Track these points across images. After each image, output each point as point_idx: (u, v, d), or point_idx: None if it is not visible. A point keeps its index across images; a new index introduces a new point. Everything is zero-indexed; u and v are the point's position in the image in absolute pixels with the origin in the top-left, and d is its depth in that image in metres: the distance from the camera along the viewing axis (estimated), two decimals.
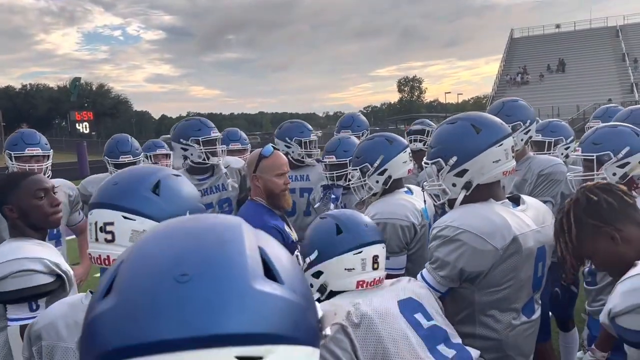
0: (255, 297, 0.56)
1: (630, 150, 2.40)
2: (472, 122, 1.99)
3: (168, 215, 1.29)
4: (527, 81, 46.66)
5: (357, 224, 1.79)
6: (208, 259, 0.58)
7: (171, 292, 0.54)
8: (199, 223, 0.67)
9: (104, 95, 70.98)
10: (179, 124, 3.78)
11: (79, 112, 25.85)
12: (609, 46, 48.70)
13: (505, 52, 54.04)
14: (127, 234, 1.31)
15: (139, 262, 0.59)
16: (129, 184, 1.36)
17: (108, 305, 0.56)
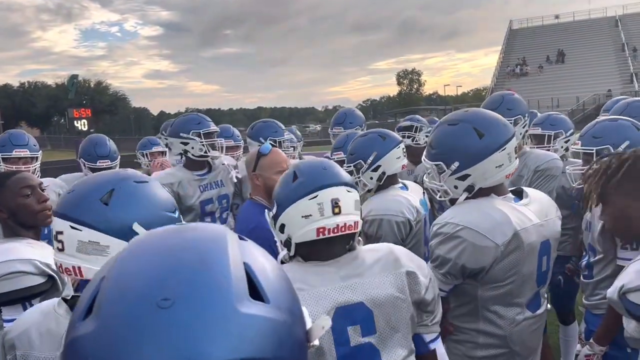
0: (240, 322, 0.54)
1: (630, 144, 2.38)
2: (475, 125, 1.92)
3: (114, 226, 1.28)
4: (526, 72, 46.54)
5: (313, 167, 1.63)
6: (190, 281, 0.55)
7: (152, 318, 0.52)
8: (181, 238, 0.64)
9: (102, 92, 70.62)
10: (176, 120, 3.78)
11: (77, 110, 25.75)
12: (608, 36, 48.52)
13: (504, 44, 53.84)
14: (74, 244, 1.29)
15: (120, 283, 0.57)
16: (80, 192, 1.33)
17: (88, 329, 0.54)
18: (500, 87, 45.11)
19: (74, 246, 1.29)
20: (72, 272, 1.30)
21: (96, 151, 3.98)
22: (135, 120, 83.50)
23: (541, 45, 50.31)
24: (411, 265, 1.59)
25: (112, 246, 1.28)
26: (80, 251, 1.29)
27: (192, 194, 3.59)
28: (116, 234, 1.28)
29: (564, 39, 49.98)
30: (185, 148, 3.60)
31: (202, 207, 3.64)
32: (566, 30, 52.24)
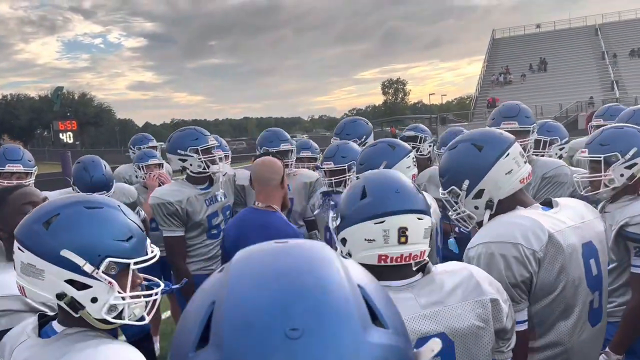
0: (370, 352, 0.53)
1: (638, 150, 2.39)
2: (472, 142, 1.95)
3: (49, 251, 1.27)
4: (510, 81, 47.13)
5: (385, 188, 1.50)
6: (316, 309, 0.54)
7: (283, 349, 0.51)
8: (291, 259, 0.62)
9: (86, 104, 69.98)
10: (174, 135, 3.69)
11: (62, 122, 25.42)
12: (588, 45, 49.39)
13: (487, 53, 54.54)
14: (19, 265, 1.32)
15: (241, 310, 0.55)
16: (32, 215, 1.35)
17: (212, 359, 0.53)
18: (484, 95, 45.62)
19: (19, 266, 1.32)
20: (20, 291, 1.35)
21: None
22: (120, 131, 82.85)
23: (524, 54, 51.06)
24: (493, 291, 1.50)
25: (46, 270, 1.28)
26: (23, 272, 1.32)
27: (199, 209, 3.54)
28: (49, 258, 1.28)
29: (545, 47, 50.77)
30: (184, 165, 3.54)
31: (209, 221, 3.59)
32: (548, 39, 53.09)
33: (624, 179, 2.41)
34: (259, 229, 2.74)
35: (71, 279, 1.29)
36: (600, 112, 4.39)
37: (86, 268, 1.29)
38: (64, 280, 1.29)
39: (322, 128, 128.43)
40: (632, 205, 2.37)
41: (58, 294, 1.29)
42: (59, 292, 1.29)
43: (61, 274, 1.28)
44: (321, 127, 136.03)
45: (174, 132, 3.76)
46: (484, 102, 43.63)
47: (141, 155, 4.91)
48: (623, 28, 50.79)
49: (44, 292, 1.29)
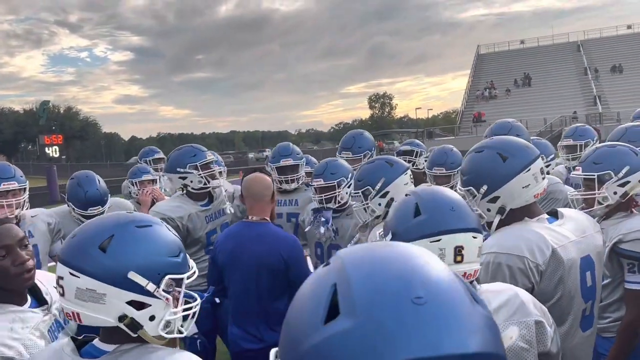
0: (480, 318, 0.61)
1: (630, 169, 2.45)
2: (499, 151, 2.03)
3: (111, 274, 1.26)
4: (495, 96, 47.74)
5: (440, 205, 1.51)
6: (434, 283, 0.63)
7: (412, 312, 0.59)
8: (396, 251, 0.71)
9: (72, 118, 69.46)
10: (172, 155, 3.73)
11: (48, 136, 25.26)
12: (571, 61, 50.30)
13: (472, 68, 55.25)
14: (73, 290, 1.29)
15: (367, 286, 0.63)
16: (81, 238, 1.32)
17: (346, 326, 0.60)
18: (470, 109, 46.13)
19: (73, 292, 1.29)
20: (72, 317, 1.31)
21: (87, 198, 3.70)
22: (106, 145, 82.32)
23: (508, 69, 51.81)
24: (538, 313, 1.49)
25: (108, 294, 1.27)
26: (79, 298, 1.28)
27: (200, 226, 3.55)
28: (112, 281, 1.27)
29: (529, 63, 51.58)
30: (185, 182, 3.56)
31: (207, 238, 3.60)
32: (531, 54, 53.95)
33: (617, 196, 2.46)
34: (256, 238, 2.83)
35: (132, 300, 1.28)
36: (570, 133, 4.51)
37: (149, 287, 1.29)
38: (126, 302, 1.28)
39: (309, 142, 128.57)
40: (625, 222, 2.43)
41: (120, 316, 1.27)
42: (120, 314, 1.27)
43: (123, 295, 1.27)
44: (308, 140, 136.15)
45: (172, 152, 3.79)
46: (469, 117, 44.12)
47: (135, 171, 4.91)
48: (604, 45, 51.87)
49: (104, 316, 1.27)
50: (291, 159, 4.06)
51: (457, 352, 0.57)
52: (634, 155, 2.50)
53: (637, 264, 2.34)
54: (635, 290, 2.35)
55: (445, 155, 3.94)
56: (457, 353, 0.57)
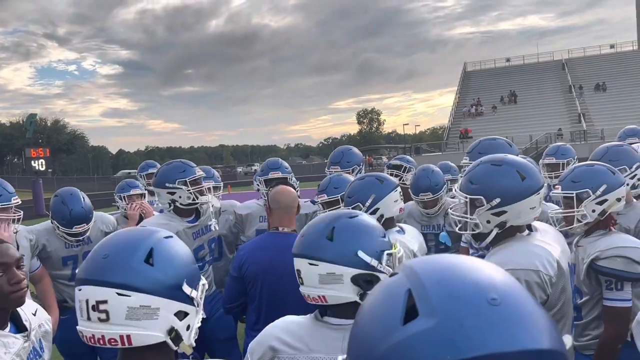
0: (547, 319, 0.67)
1: (608, 187, 2.53)
2: (518, 169, 2.08)
3: (165, 286, 1.25)
4: (481, 112, 48.27)
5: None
6: (505, 286, 0.69)
7: (489, 312, 0.64)
8: (454, 258, 0.77)
9: (59, 131, 68.86)
10: (160, 169, 3.70)
11: (34, 149, 24.99)
12: (556, 79, 51.11)
13: (459, 85, 55.87)
14: (123, 311, 1.22)
15: (444, 289, 0.68)
16: (119, 255, 1.27)
17: (427, 325, 0.64)
18: (457, 126, 46.56)
19: (123, 314, 1.22)
20: (118, 342, 1.23)
21: (72, 215, 3.66)
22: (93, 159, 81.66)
23: (494, 86, 52.48)
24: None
25: (161, 307, 1.25)
26: (130, 318, 1.22)
27: (187, 243, 3.54)
28: (166, 294, 1.26)
29: (515, 80, 52.31)
30: (173, 198, 3.54)
31: (195, 254, 3.60)
32: (517, 72, 54.74)
33: (596, 214, 2.53)
34: (289, 249, 2.79)
35: (179, 310, 1.28)
36: (552, 151, 4.61)
37: (193, 295, 1.30)
38: (174, 314, 1.27)
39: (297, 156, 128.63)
40: (602, 239, 2.49)
41: (169, 329, 1.26)
42: (169, 327, 1.26)
43: (173, 307, 1.27)
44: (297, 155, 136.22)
45: (161, 166, 3.78)
46: (456, 133, 44.51)
47: (123, 186, 4.89)
48: (588, 63, 52.83)
49: (156, 331, 1.25)
50: (280, 172, 4.12)
51: (533, 348, 0.62)
52: (611, 174, 2.58)
53: (614, 281, 2.39)
54: (613, 307, 2.40)
55: (428, 180, 3.97)
56: (533, 348, 0.62)
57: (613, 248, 2.40)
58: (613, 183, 2.55)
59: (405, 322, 0.67)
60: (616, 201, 2.55)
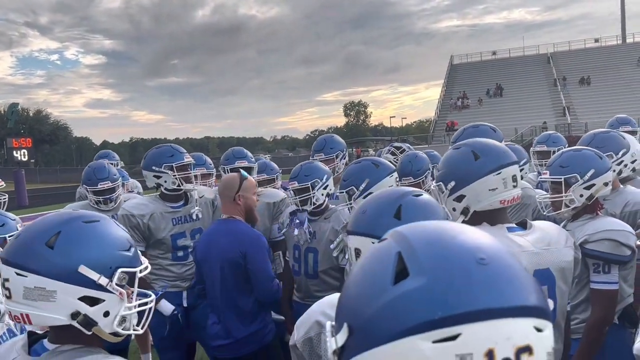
0: (532, 279, 0.70)
1: (595, 172, 2.54)
2: (473, 149, 1.97)
3: (60, 269, 1.25)
4: (467, 105, 48.50)
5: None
6: (492, 248, 0.71)
7: (478, 271, 0.66)
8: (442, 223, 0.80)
9: (41, 121, 67.91)
10: (149, 152, 3.69)
11: (16, 139, 24.61)
12: (541, 72, 51.51)
13: (446, 78, 56.07)
14: (20, 291, 1.25)
15: (434, 249, 0.70)
16: (25, 237, 1.30)
17: (418, 284, 0.66)
18: (443, 119, 46.77)
19: (21, 293, 1.26)
20: (20, 320, 1.27)
21: (96, 175, 4.04)
22: (77, 150, 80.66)
23: (480, 79, 52.77)
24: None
25: (58, 291, 1.25)
26: (27, 298, 1.25)
27: (163, 227, 3.51)
28: (62, 277, 1.25)
29: (501, 73, 52.64)
30: (158, 182, 3.53)
31: (173, 240, 3.55)
32: (503, 65, 55.06)
33: (584, 199, 2.55)
34: (226, 233, 2.98)
35: (84, 296, 1.26)
36: (543, 139, 4.64)
37: (101, 281, 1.27)
38: (78, 298, 1.26)
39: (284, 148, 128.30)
40: (590, 223, 2.51)
41: (72, 313, 1.26)
42: (73, 311, 1.26)
43: (75, 291, 1.26)
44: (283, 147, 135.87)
45: (150, 149, 3.77)
46: (442, 126, 44.70)
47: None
48: (573, 57, 53.30)
49: (55, 314, 1.25)
50: (246, 161, 4.12)
51: (520, 304, 0.64)
52: (598, 159, 2.59)
53: (602, 263, 2.41)
54: (600, 290, 2.42)
55: (410, 164, 4.02)
56: (520, 305, 0.64)
57: (601, 231, 2.41)
58: (600, 168, 2.56)
59: (395, 283, 0.68)
60: (603, 185, 2.56)
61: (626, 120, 4.79)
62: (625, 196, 2.99)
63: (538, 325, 0.65)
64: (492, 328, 0.62)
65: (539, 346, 0.64)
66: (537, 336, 0.64)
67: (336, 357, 0.72)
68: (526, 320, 0.64)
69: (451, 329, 0.62)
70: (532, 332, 0.64)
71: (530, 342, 0.63)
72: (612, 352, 2.46)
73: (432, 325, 0.62)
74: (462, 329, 0.62)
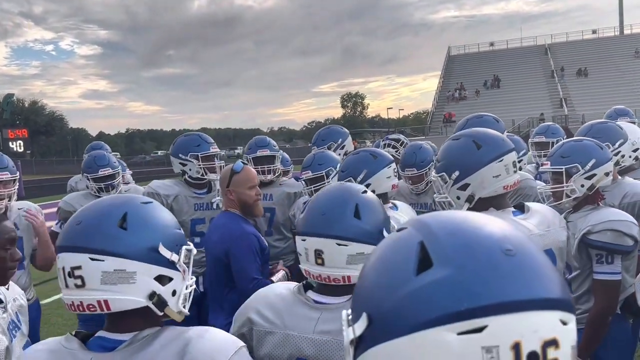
0: (557, 271, 0.69)
1: (596, 162, 2.53)
2: (474, 139, 2.06)
3: (139, 249, 1.23)
4: (465, 97, 48.51)
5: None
6: (518, 238, 0.70)
7: (505, 262, 0.65)
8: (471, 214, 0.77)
9: (37, 112, 67.63)
10: (178, 139, 3.80)
11: (12, 130, 24.52)
12: (538, 64, 51.51)
13: (443, 69, 56.00)
14: (97, 277, 1.21)
15: (459, 240, 0.69)
16: (92, 221, 1.26)
17: (443, 274, 0.65)
18: (440, 110, 46.80)
19: (98, 279, 1.21)
20: (96, 308, 1.22)
21: (96, 162, 4.04)
22: (72, 141, 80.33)
23: (478, 70, 52.74)
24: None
25: (138, 271, 1.23)
26: (106, 282, 1.21)
27: (185, 210, 3.59)
28: (141, 257, 1.24)
29: (499, 65, 52.62)
30: (184, 169, 3.62)
31: (192, 225, 3.61)
32: (501, 57, 55.05)
33: (585, 189, 2.53)
34: (217, 228, 2.98)
35: (159, 275, 1.25)
36: (542, 130, 4.64)
37: (174, 259, 1.27)
38: (154, 278, 1.24)
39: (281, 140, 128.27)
40: (593, 214, 2.50)
41: (150, 294, 1.24)
42: (150, 292, 1.24)
43: (153, 271, 1.25)
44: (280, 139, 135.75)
45: (179, 136, 3.89)
46: (440, 117, 44.75)
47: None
48: (570, 48, 53.29)
49: (135, 296, 1.23)
50: (268, 150, 4.08)
51: (547, 296, 0.63)
52: (599, 149, 2.58)
53: (604, 254, 2.41)
54: (603, 281, 2.42)
55: (414, 155, 3.99)
56: (547, 297, 0.63)
57: (604, 222, 2.41)
58: (601, 158, 2.55)
59: (418, 273, 0.66)
60: (604, 175, 2.55)
61: (624, 111, 4.78)
62: (624, 187, 2.99)
63: (563, 318, 0.64)
64: (519, 320, 0.61)
65: (564, 339, 0.62)
66: (563, 329, 0.63)
67: (353, 346, 0.71)
68: (553, 313, 0.63)
69: (477, 321, 0.61)
70: (558, 325, 0.63)
71: (557, 335, 0.62)
72: (614, 342, 2.47)
73: (458, 317, 0.61)
74: (488, 321, 0.60)
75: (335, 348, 1.43)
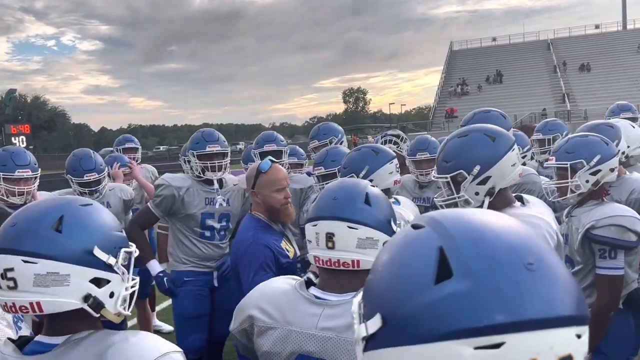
0: (577, 285, 0.68)
1: (601, 158, 2.53)
2: (485, 132, 2.06)
3: (73, 252, 1.22)
4: (467, 92, 48.40)
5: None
6: (540, 250, 0.69)
7: (526, 276, 0.64)
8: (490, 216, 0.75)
9: (39, 108, 67.51)
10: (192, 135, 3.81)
11: (15, 126, 24.54)
12: (541, 59, 51.32)
13: (445, 64, 55.85)
14: (30, 279, 1.20)
15: (481, 250, 0.67)
16: (26, 223, 1.25)
17: (463, 287, 0.63)
18: (442, 105, 46.71)
19: (30, 281, 1.21)
20: (29, 309, 1.22)
21: (82, 165, 3.90)
22: (75, 136, 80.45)
23: (480, 65, 52.57)
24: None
25: (72, 274, 1.22)
26: (39, 285, 1.21)
27: (196, 203, 3.59)
28: (76, 260, 1.23)
29: (501, 60, 52.46)
30: (190, 165, 3.64)
31: (202, 219, 3.60)
32: (503, 52, 54.88)
33: (589, 184, 2.54)
34: (238, 232, 2.81)
35: (94, 278, 1.25)
36: (540, 127, 4.64)
37: (110, 261, 1.26)
38: (89, 281, 1.24)
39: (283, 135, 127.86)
40: (597, 209, 2.50)
41: (85, 296, 1.24)
42: (85, 294, 1.24)
43: (87, 273, 1.24)
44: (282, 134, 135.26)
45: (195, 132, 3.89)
46: (442, 112, 44.69)
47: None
48: (573, 43, 53.08)
49: (69, 298, 1.23)
50: (275, 145, 4.07)
51: (566, 314, 0.62)
52: (604, 145, 2.59)
53: (608, 249, 2.42)
54: (606, 276, 2.43)
55: (427, 141, 4.04)
56: (566, 315, 0.62)
57: (608, 217, 2.42)
58: (606, 153, 2.56)
59: (437, 282, 0.65)
60: (609, 171, 2.55)
61: (627, 107, 4.77)
62: (631, 184, 2.99)
63: (578, 332, 0.64)
64: (537, 338, 0.61)
65: (578, 352, 0.63)
66: (577, 343, 0.63)
67: (363, 342, 0.70)
68: (569, 329, 0.63)
69: (495, 337, 0.61)
70: (573, 339, 0.63)
71: (572, 350, 0.62)
72: (616, 337, 2.48)
73: (476, 332, 0.61)
74: (506, 338, 0.60)
75: (339, 345, 1.43)
